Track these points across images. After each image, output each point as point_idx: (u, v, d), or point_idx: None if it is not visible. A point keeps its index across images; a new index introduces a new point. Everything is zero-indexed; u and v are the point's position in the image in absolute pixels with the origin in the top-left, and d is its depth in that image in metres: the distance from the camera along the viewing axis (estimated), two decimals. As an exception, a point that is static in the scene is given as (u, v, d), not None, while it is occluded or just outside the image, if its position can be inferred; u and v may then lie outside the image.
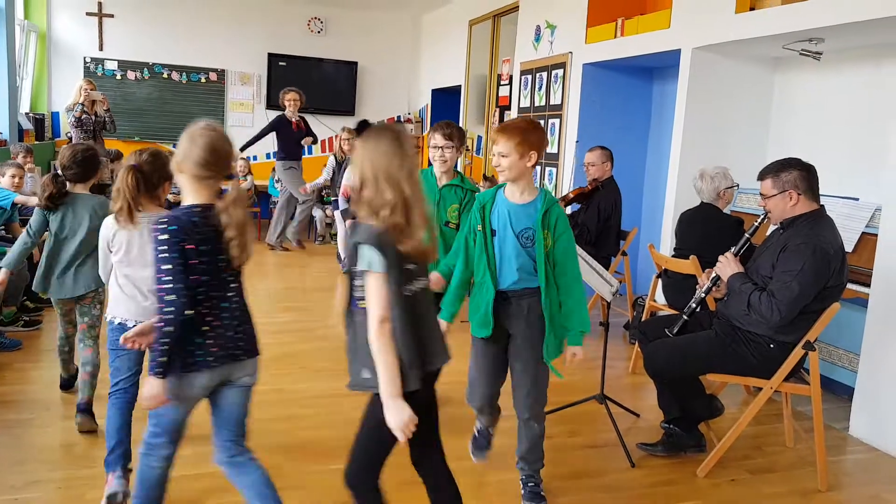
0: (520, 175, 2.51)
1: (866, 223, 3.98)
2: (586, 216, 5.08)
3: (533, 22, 7.06)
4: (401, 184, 1.86)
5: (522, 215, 2.52)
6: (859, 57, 4.45)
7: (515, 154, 2.46)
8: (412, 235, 1.88)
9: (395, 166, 1.87)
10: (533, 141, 2.46)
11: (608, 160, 5.15)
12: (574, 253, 2.57)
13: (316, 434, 3.27)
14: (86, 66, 9.15)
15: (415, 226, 1.88)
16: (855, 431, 3.61)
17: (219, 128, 2.13)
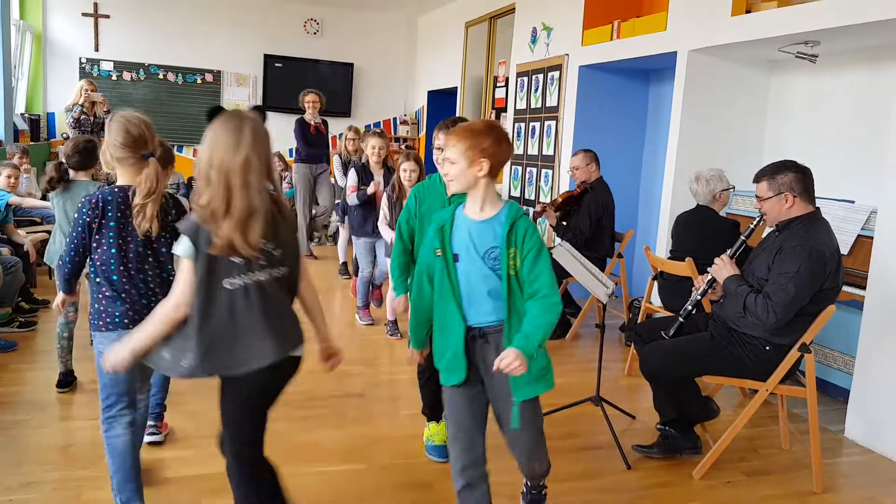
0: (467, 186, 2.11)
1: (862, 225, 4.00)
2: (578, 219, 5.09)
3: (529, 24, 7.07)
4: (229, 175, 1.86)
5: (486, 233, 2.12)
6: (855, 59, 4.46)
7: (464, 161, 2.08)
8: (228, 230, 1.84)
9: (229, 156, 1.87)
10: (485, 147, 2.06)
11: (592, 161, 5.17)
12: (545, 270, 2.11)
13: (312, 436, 3.26)
14: (81, 66, 9.14)
15: (235, 220, 1.85)
16: (850, 434, 3.62)
17: (132, 113, 2.38)
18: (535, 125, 6.99)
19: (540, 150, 6.89)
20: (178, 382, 2.85)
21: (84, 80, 6.92)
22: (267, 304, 1.94)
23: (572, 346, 5.01)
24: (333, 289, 6.46)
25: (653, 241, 5.39)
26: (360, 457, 3.06)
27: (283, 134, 9.97)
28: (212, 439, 2.22)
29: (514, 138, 7.39)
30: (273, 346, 1.93)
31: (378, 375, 4.22)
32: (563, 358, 4.75)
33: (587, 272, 3.44)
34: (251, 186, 1.88)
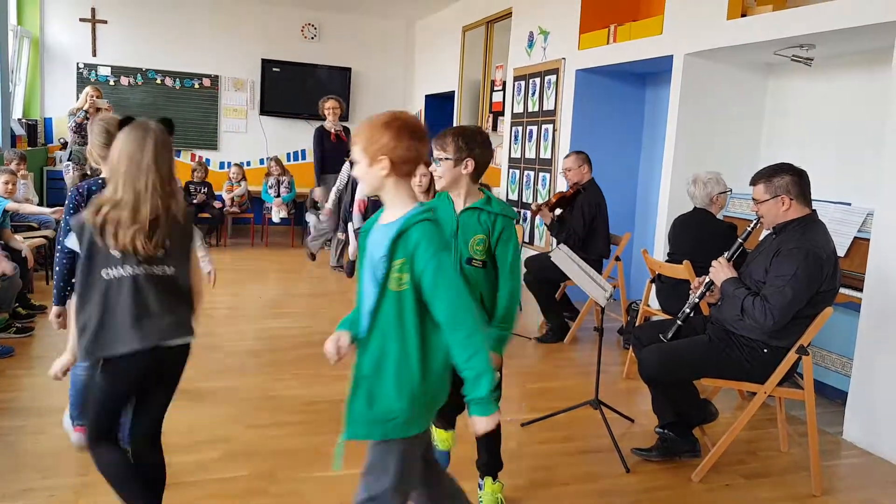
0: (374, 188, 1.89)
1: (858, 228, 4.00)
2: (572, 219, 5.10)
3: (526, 28, 7.09)
4: (132, 179, 2.09)
5: (380, 240, 1.86)
6: (850, 63, 4.48)
7: (365, 160, 1.85)
8: (124, 228, 2.05)
9: (133, 163, 2.09)
10: (383, 143, 1.82)
11: (585, 163, 5.18)
12: (444, 297, 1.79)
13: (309, 440, 3.26)
14: (79, 71, 9.13)
15: (131, 219, 2.06)
16: (848, 436, 3.62)
17: (111, 117, 2.68)
18: (532, 129, 7.00)
19: (537, 153, 6.89)
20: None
21: (90, 87, 6.93)
22: (139, 297, 2.10)
23: (571, 350, 5.01)
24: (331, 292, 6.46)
25: (650, 244, 5.40)
26: (358, 461, 3.05)
27: (281, 139, 10.01)
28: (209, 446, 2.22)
29: (512, 142, 7.40)
30: (136, 336, 2.08)
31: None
32: (561, 361, 4.75)
33: (585, 275, 3.45)
34: (148, 191, 2.09)
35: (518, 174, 7.30)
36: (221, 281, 7.11)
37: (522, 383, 4.28)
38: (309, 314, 5.77)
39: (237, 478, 2.87)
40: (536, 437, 3.43)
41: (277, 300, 6.17)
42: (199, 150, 9.69)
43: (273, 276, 7.20)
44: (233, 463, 2.99)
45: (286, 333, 5.02)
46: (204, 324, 5.44)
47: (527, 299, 6.01)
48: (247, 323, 5.34)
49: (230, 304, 5.98)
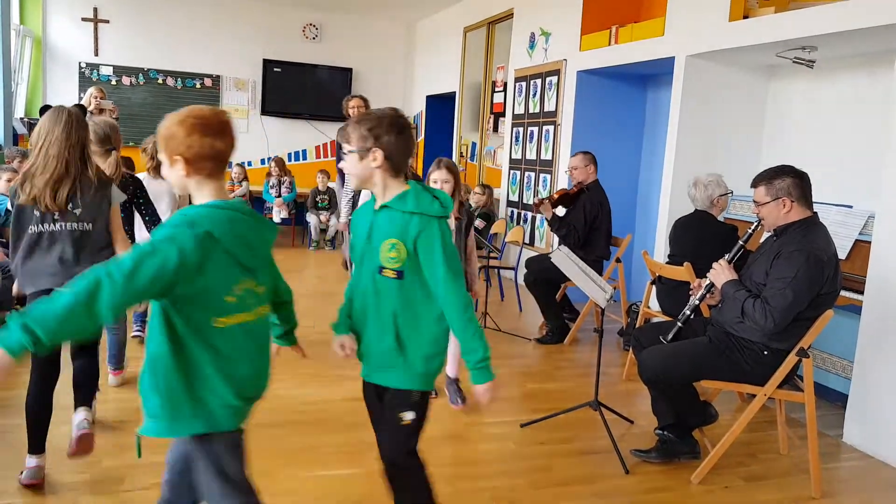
0: (182, 188, 1.82)
1: (860, 230, 4.00)
2: (573, 218, 5.10)
3: (527, 29, 7.09)
4: (47, 147, 2.63)
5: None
6: (852, 65, 4.48)
7: (165, 160, 1.80)
8: (37, 188, 2.60)
9: (49, 135, 2.64)
10: (176, 144, 1.74)
11: (591, 163, 5.18)
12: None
13: (308, 440, 3.26)
14: (81, 71, 9.14)
15: (44, 181, 2.61)
16: (849, 439, 3.62)
17: (103, 118, 3.28)
18: (533, 130, 7.00)
19: (538, 154, 6.90)
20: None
21: (94, 87, 6.91)
22: (53, 248, 2.67)
23: (571, 351, 5.01)
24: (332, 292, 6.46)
25: (651, 246, 5.40)
26: (356, 461, 3.06)
27: (282, 139, 10.01)
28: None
29: (513, 143, 7.41)
30: (50, 280, 2.65)
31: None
32: (560, 362, 4.75)
33: (585, 276, 3.45)
34: (60, 157, 2.63)
35: (519, 175, 7.30)
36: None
37: (522, 384, 4.28)
38: (309, 314, 5.72)
39: (236, 477, 2.86)
40: (536, 438, 3.43)
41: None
42: (201, 149, 9.68)
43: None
44: (232, 462, 2.98)
45: (286, 333, 5.01)
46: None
47: (527, 300, 6.01)
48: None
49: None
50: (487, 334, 5.27)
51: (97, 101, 6.65)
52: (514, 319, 5.81)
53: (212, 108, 1.84)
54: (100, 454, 2.94)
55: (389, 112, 2.05)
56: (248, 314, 1.79)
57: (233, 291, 1.74)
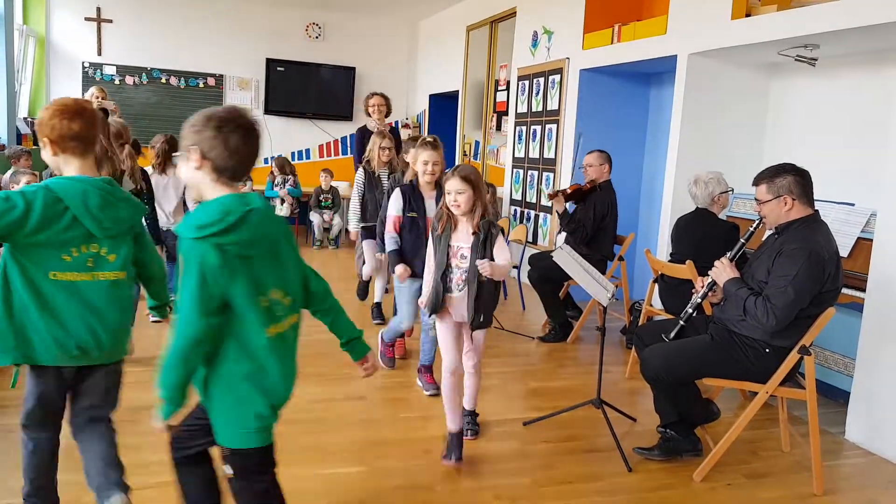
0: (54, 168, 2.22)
1: (862, 228, 4.00)
2: (583, 214, 5.10)
3: (530, 28, 7.09)
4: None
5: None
6: (855, 63, 4.47)
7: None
8: None
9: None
10: (40, 126, 2.13)
11: (606, 163, 5.18)
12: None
13: (311, 439, 3.27)
14: (84, 70, 9.17)
15: None
16: (851, 436, 3.62)
17: (112, 118, 3.54)
18: (536, 128, 7.00)
19: (541, 153, 6.90)
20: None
21: (94, 87, 6.94)
22: None
23: (573, 349, 5.02)
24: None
25: (654, 244, 5.40)
26: (361, 459, 3.07)
27: (285, 138, 10.02)
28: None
29: (516, 142, 7.41)
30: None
31: (379, 379, 4.23)
32: (563, 361, 4.76)
33: (587, 275, 3.45)
34: (99, 151, 2.99)
35: (522, 174, 7.31)
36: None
37: (525, 382, 4.29)
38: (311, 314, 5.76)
39: (241, 475, 2.87)
40: (539, 437, 3.44)
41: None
42: (204, 149, 9.69)
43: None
44: (236, 460, 3.00)
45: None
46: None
47: (530, 299, 6.02)
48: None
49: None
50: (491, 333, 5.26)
51: (98, 102, 6.67)
52: (518, 318, 5.82)
53: (75, 98, 2.19)
54: (105, 452, 2.95)
55: (219, 108, 1.92)
56: (84, 275, 2.12)
57: (70, 252, 2.08)
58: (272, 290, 1.87)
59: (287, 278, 1.95)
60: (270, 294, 1.86)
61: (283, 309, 1.92)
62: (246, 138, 1.87)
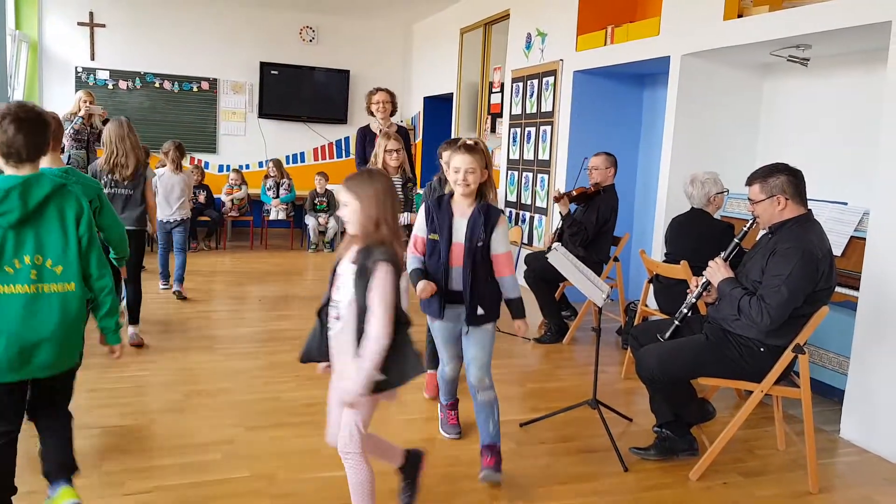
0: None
1: (855, 227, 4.02)
2: (585, 217, 5.11)
3: (524, 30, 7.11)
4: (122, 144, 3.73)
5: None
6: (847, 63, 4.50)
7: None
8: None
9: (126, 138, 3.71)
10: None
11: (612, 166, 5.18)
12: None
13: (310, 442, 3.27)
14: (77, 75, 9.15)
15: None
16: (845, 434, 3.64)
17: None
18: (530, 130, 7.02)
19: (535, 154, 6.91)
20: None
21: (82, 91, 6.92)
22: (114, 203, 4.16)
23: (569, 350, 5.03)
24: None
25: (648, 245, 5.42)
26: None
27: (280, 141, 10.01)
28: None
29: (510, 143, 7.43)
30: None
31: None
32: (559, 361, 4.77)
33: (582, 276, 3.46)
34: (135, 147, 4.54)
35: (517, 176, 7.32)
36: (222, 283, 7.11)
37: (521, 383, 4.30)
38: (309, 316, 5.76)
39: (238, 479, 2.88)
40: (535, 437, 3.45)
41: (277, 302, 6.18)
42: (198, 153, 9.69)
43: (272, 278, 7.21)
44: (234, 464, 3.01)
45: (286, 335, 5.03)
46: (204, 326, 5.46)
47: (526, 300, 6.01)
48: (247, 325, 5.36)
49: (230, 307, 5.99)
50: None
51: (87, 107, 6.67)
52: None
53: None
54: (100, 458, 2.96)
55: (3, 104, 2.26)
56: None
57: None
58: (26, 256, 2.21)
59: (47, 246, 2.25)
60: (24, 259, 2.21)
61: (31, 273, 2.22)
62: (18, 128, 2.19)
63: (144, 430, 3.31)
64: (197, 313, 5.58)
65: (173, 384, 3.93)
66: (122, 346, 2.54)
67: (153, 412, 3.52)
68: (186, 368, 4.20)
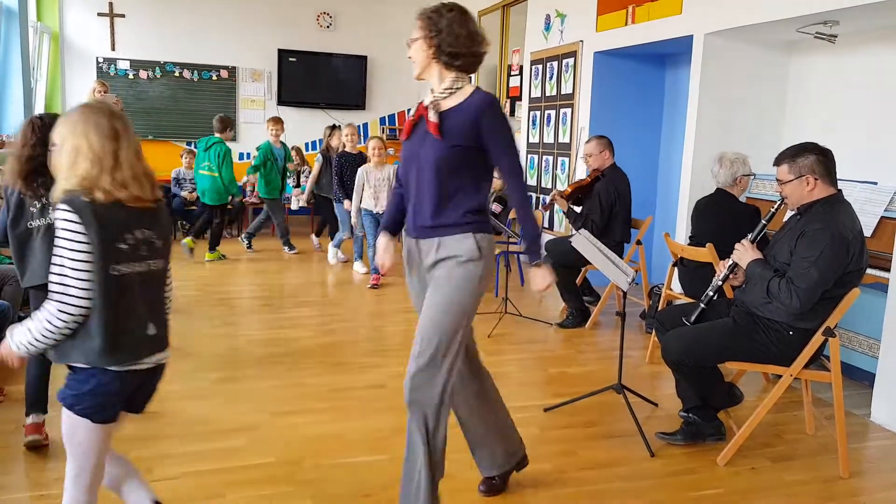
0: None
1: (885, 207, 3.94)
2: (590, 208, 5.05)
3: (543, 11, 7.02)
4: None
5: None
6: (875, 39, 4.39)
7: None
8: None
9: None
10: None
11: (605, 149, 5.10)
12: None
13: (334, 427, 3.28)
14: (98, 66, 9.21)
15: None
16: (876, 418, 3.58)
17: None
18: (550, 113, 6.95)
19: (556, 137, 6.85)
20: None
21: (96, 82, 6.97)
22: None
23: (592, 335, 5.00)
24: (352, 281, 6.49)
25: (672, 228, 5.35)
26: (382, 447, 3.08)
27: (299, 128, 10.00)
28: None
29: (530, 127, 7.37)
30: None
31: (399, 366, 4.23)
32: (583, 346, 4.74)
33: (606, 260, 3.43)
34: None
35: (537, 159, 7.26)
36: (244, 271, 7.17)
37: (544, 368, 4.28)
38: (332, 302, 5.80)
39: (263, 464, 2.90)
40: (559, 423, 3.43)
41: (300, 289, 6.20)
42: (219, 141, 9.73)
43: (294, 265, 7.24)
44: (259, 450, 3.02)
45: (310, 322, 5.05)
46: (227, 314, 5.50)
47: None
48: (270, 312, 5.38)
49: (253, 294, 6.03)
50: (508, 319, 5.24)
51: (101, 96, 6.72)
52: (535, 304, 5.80)
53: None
54: (128, 445, 2.98)
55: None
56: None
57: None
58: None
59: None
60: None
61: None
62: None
63: (171, 416, 3.34)
64: (220, 301, 5.62)
65: (199, 370, 3.96)
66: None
67: (180, 399, 3.55)
68: (212, 355, 4.23)
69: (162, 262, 1.97)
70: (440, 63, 2.42)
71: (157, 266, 1.95)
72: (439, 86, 2.42)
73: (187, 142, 9.43)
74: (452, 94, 2.39)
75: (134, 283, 1.86)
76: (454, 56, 2.41)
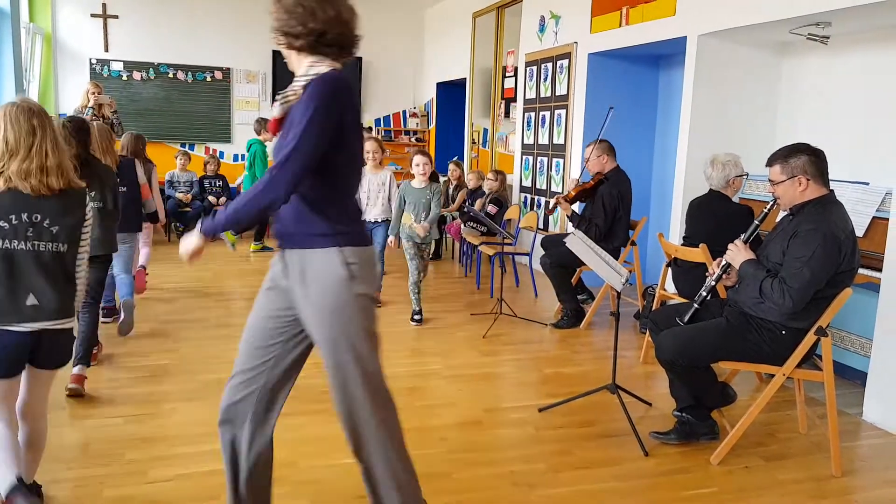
0: None
1: (877, 207, 3.96)
2: (593, 212, 5.05)
3: (537, 13, 7.04)
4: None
5: None
6: (867, 40, 4.41)
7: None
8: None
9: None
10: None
11: (604, 153, 5.09)
12: None
13: (329, 428, 3.28)
14: (91, 67, 9.19)
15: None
16: (868, 416, 3.60)
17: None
18: (544, 114, 6.97)
19: (550, 139, 6.87)
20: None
21: (89, 83, 6.95)
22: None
23: (587, 335, 5.01)
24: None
25: (666, 228, 5.37)
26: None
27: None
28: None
29: (524, 128, 7.38)
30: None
31: (394, 367, 4.23)
32: (578, 347, 4.75)
33: (601, 260, 3.44)
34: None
35: (531, 160, 7.28)
36: (238, 271, 7.15)
37: (539, 368, 4.29)
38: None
39: (258, 466, 2.89)
40: (554, 423, 3.44)
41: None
42: (212, 143, 9.73)
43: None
44: (254, 452, 3.01)
45: (303, 323, 5.04)
46: (222, 314, 5.48)
47: (542, 285, 6.02)
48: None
49: (248, 295, 6.02)
50: (503, 320, 5.25)
51: (95, 97, 6.71)
52: (530, 305, 5.81)
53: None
54: (122, 448, 2.98)
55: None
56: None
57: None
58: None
59: None
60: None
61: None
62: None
63: (166, 418, 3.33)
64: (215, 302, 5.62)
65: (194, 372, 3.95)
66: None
67: (174, 401, 3.55)
68: (206, 357, 4.22)
69: (53, 245, 2.24)
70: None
71: (46, 248, 2.23)
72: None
73: (181, 143, 9.42)
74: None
75: (13, 257, 2.18)
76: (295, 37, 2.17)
